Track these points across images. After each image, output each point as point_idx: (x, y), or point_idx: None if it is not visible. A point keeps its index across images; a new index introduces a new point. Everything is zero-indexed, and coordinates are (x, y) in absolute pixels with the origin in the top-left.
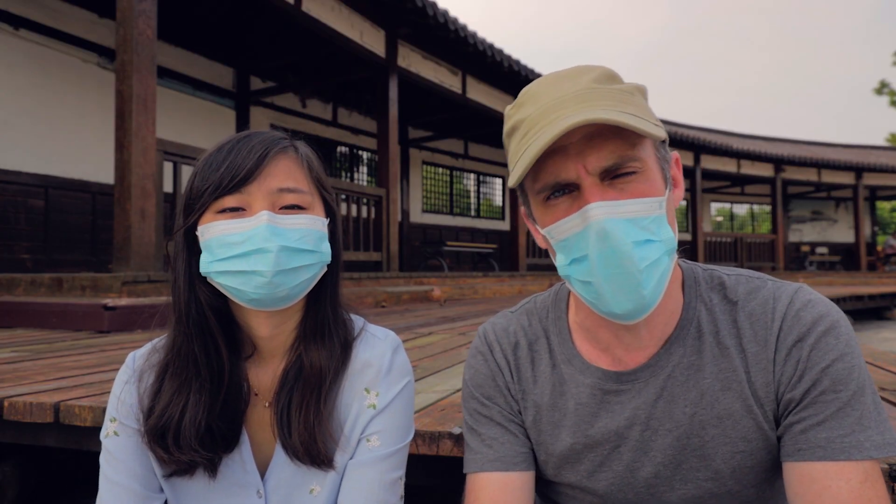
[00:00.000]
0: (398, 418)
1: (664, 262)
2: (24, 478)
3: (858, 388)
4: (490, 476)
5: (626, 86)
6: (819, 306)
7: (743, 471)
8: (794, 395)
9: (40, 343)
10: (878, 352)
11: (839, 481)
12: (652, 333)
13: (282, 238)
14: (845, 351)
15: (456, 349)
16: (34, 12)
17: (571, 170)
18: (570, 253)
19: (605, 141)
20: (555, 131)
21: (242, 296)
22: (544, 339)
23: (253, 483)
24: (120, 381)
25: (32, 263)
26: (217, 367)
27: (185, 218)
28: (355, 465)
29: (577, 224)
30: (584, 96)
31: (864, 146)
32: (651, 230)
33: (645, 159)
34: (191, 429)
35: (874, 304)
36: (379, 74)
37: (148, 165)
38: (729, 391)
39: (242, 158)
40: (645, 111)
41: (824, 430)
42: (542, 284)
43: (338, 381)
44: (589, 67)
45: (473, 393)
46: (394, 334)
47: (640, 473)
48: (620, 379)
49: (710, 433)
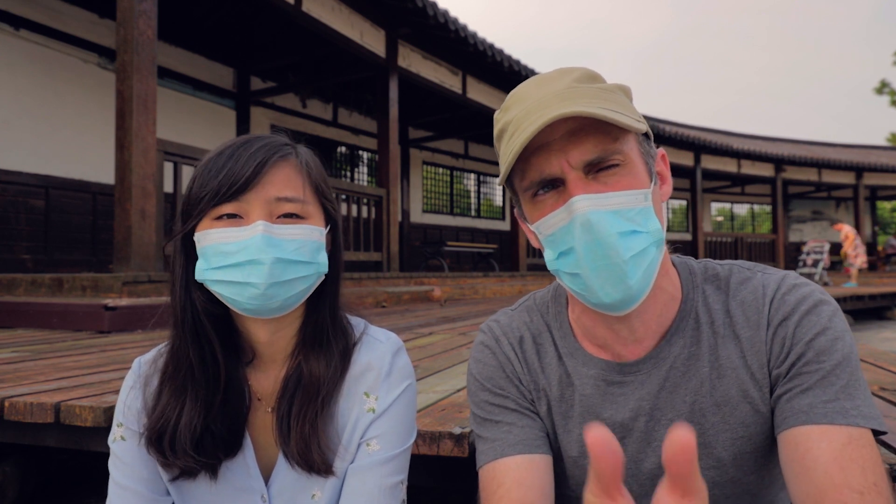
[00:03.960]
0: (398, 422)
1: (651, 252)
2: (24, 478)
3: (843, 358)
4: (513, 460)
5: (607, 85)
6: (803, 289)
7: (743, 457)
8: (781, 370)
9: (41, 343)
10: (879, 352)
11: (821, 443)
12: (647, 326)
13: (277, 249)
14: (828, 325)
15: (456, 349)
16: (34, 12)
17: (555, 165)
18: (557, 247)
19: (588, 136)
20: (534, 126)
21: (237, 304)
22: (547, 333)
23: (257, 488)
24: (126, 387)
25: (33, 264)
26: (213, 372)
27: (183, 223)
28: (355, 470)
29: (563, 218)
30: (565, 94)
31: (864, 146)
32: (637, 221)
33: (627, 153)
34: (186, 433)
35: (874, 304)
36: (379, 74)
37: (148, 165)
38: (725, 378)
39: (241, 165)
40: (626, 107)
41: (808, 397)
42: (542, 284)
43: (336, 390)
44: (571, 69)
45: (484, 385)
46: (395, 336)
47: (644, 465)
48: (623, 370)
49: (710, 420)
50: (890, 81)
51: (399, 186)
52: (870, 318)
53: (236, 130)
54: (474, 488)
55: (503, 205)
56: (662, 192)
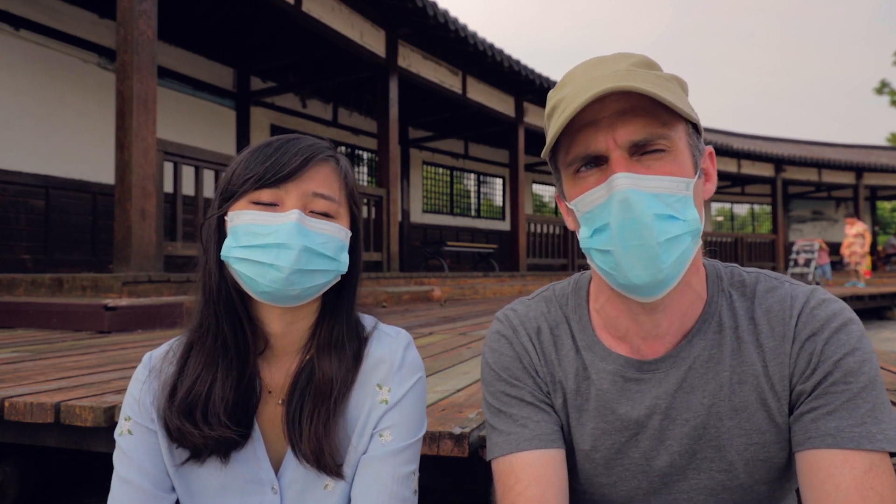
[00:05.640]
0: (410, 413)
1: (685, 241)
2: (24, 478)
3: (870, 381)
4: (530, 455)
5: (664, 74)
6: (833, 305)
7: (755, 464)
8: (805, 386)
9: (41, 343)
10: (879, 352)
11: (843, 469)
12: (671, 321)
13: (306, 239)
14: (857, 346)
15: (456, 349)
16: (34, 13)
17: (601, 141)
18: (593, 223)
19: (637, 117)
20: (584, 97)
21: (255, 286)
22: (565, 324)
23: (267, 479)
24: (137, 380)
25: (33, 264)
26: (244, 348)
27: (221, 203)
28: (368, 460)
29: (603, 195)
30: (622, 75)
31: (864, 146)
32: (675, 208)
33: (675, 140)
34: (219, 404)
35: (875, 304)
36: (379, 74)
37: (148, 165)
38: (745, 384)
39: (289, 158)
40: (680, 97)
41: (834, 420)
42: (542, 284)
43: (348, 391)
44: (629, 54)
45: (500, 375)
46: (405, 332)
47: (655, 463)
48: (642, 368)
49: (727, 424)
50: (890, 81)
51: (399, 186)
52: (870, 317)
53: (236, 130)
54: (474, 488)
55: (503, 205)
56: (705, 189)
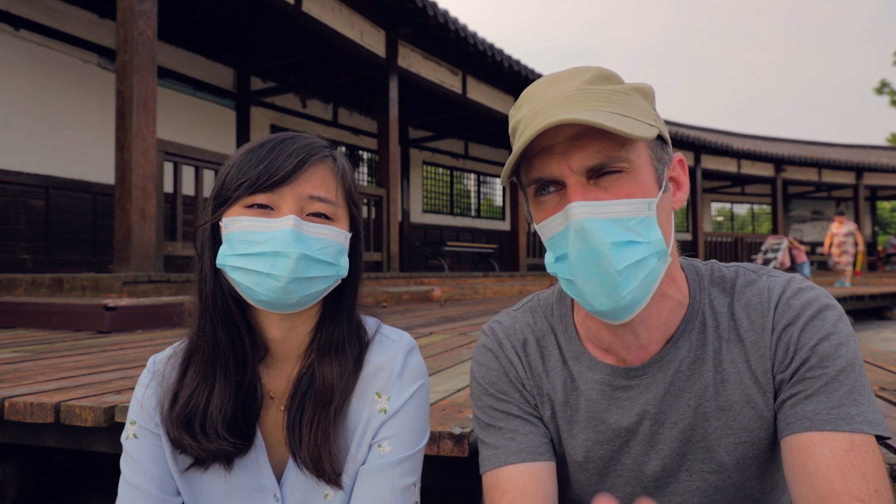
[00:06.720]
0: (410, 422)
1: (650, 263)
2: (24, 478)
3: (847, 364)
4: (517, 468)
5: (621, 86)
6: (809, 293)
7: (746, 462)
8: (785, 374)
9: (41, 343)
10: (879, 352)
11: (823, 448)
12: (651, 332)
13: (304, 245)
14: (832, 331)
15: (456, 349)
16: (35, 13)
17: (556, 168)
18: (555, 250)
19: (592, 140)
20: (533, 130)
21: (252, 295)
22: (551, 335)
23: (269, 487)
24: (141, 384)
25: (33, 264)
26: (242, 356)
27: (215, 209)
28: (366, 472)
29: (561, 223)
30: (573, 97)
31: (864, 146)
32: (637, 231)
33: (633, 160)
34: (217, 416)
35: (874, 304)
36: (379, 74)
37: (148, 166)
38: (729, 383)
39: (283, 160)
40: (639, 111)
41: (812, 403)
42: (542, 284)
43: (348, 398)
44: (584, 69)
45: (487, 390)
46: (408, 336)
47: (647, 468)
48: (629, 374)
49: (713, 425)
50: (890, 81)
51: (399, 186)
52: (869, 317)
53: (236, 130)
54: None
55: (503, 205)
56: (676, 198)
